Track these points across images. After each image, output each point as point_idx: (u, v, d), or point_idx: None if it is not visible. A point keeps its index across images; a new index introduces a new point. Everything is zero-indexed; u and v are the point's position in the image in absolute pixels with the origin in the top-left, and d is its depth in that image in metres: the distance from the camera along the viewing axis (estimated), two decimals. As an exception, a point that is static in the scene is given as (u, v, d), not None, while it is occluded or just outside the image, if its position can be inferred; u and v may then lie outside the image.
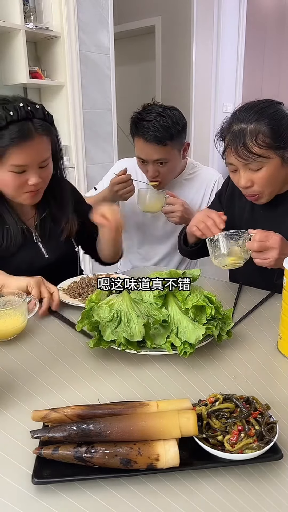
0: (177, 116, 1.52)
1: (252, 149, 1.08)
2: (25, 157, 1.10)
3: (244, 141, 1.09)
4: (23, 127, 1.08)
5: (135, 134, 1.54)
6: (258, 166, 1.11)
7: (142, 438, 0.58)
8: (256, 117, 1.09)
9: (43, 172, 1.17)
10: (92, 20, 2.92)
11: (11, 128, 1.06)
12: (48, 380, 0.79)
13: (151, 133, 1.47)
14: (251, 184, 1.15)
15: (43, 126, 1.12)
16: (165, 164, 1.56)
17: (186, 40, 4.35)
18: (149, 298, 0.90)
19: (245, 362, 0.86)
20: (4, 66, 2.65)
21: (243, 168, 1.14)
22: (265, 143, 1.08)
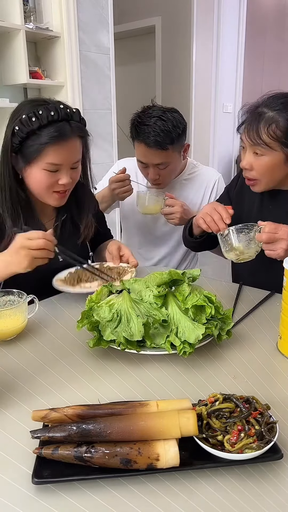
0: (177, 119, 1.51)
1: (261, 135, 1.11)
2: (61, 156, 1.13)
3: (257, 124, 1.11)
4: (62, 127, 1.12)
5: (135, 138, 1.54)
6: (261, 152, 1.13)
7: (142, 438, 0.58)
8: (280, 107, 1.11)
9: (73, 173, 1.20)
10: (92, 20, 2.92)
11: (50, 128, 1.11)
12: (48, 380, 0.79)
13: (152, 138, 1.47)
14: (250, 168, 1.17)
15: (79, 128, 1.17)
16: (166, 167, 1.56)
17: (186, 40, 4.35)
18: (149, 298, 0.90)
19: (245, 362, 0.86)
20: (4, 66, 2.66)
21: (249, 149, 1.17)
22: (275, 135, 1.10)
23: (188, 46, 4.36)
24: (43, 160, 1.12)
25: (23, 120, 1.10)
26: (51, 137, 1.10)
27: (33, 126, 1.10)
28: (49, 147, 1.11)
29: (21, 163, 1.16)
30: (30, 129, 1.10)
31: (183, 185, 1.73)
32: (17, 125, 1.12)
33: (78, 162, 1.21)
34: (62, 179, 1.16)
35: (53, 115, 1.10)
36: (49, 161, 1.12)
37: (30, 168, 1.15)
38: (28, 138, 1.11)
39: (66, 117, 1.13)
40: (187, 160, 1.75)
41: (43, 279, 1.21)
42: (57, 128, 1.11)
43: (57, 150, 1.12)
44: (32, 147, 1.12)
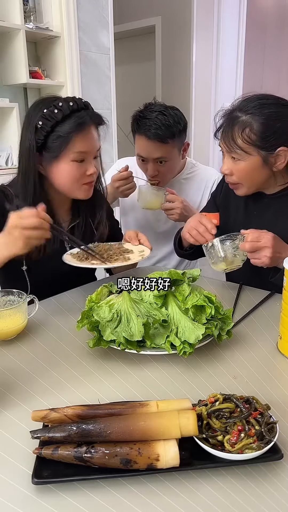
0: (178, 116, 1.53)
1: (236, 139, 1.10)
2: (86, 143, 1.16)
3: (232, 129, 1.11)
4: (84, 115, 1.16)
5: (136, 131, 1.55)
6: (238, 157, 1.13)
7: (142, 438, 0.58)
8: (253, 110, 1.10)
9: (96, 163, 1.23)
10: (92, 20, 2.92)
11: (74, 117, 1.14)
12: (48, 380, 0.79)
13: (153, 131, 1.48)
14: (229, 173, 1.17)
15: (97, 116, 1.21)
16: (165, 163, 1.56)
17: (186, 40, 4.35)
18: (149, 298, 0.90)
19: (245, 362, 0.86)
20: (4, 66, 2.65)
21: (227, 154, 1.16)
22: (250, 139, 1.09)
23: (188, 46, 4.35)
24: (71, 150, 1.14)
25: (45, 114, 1.12)
26: (76, 125, 1.13)
27: (57, 118, 1.12)
28: (75, 135, 1.14)
29: (47, 160, 1.17)
30: (54, 122, 1.12)
31: (182, 184, 1.73)
32: (40, 120, 1.13)
33: (99, 151, 1.23)
34: (89, 169, 1.19)
35: (73, 105, 1.14)
36: (77, 149, 1.14)
37: (58, 163, 1.16)
38: (53, 132, 1.13)
39: (84, 107, 1.17)
40: (186, 160, 1.75)
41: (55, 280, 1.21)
42: (79, 116, 1.15)
43: (82, 138, 1.15)
44: (59, 140, 1.14)
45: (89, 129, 1.17)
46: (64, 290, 1.22)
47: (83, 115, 1.16)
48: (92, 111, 1.20)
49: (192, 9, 4.20)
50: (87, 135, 1.16)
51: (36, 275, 1.23)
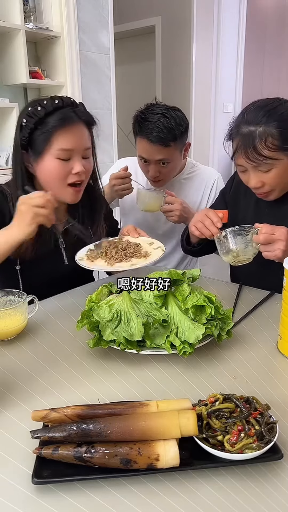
0: (180, 117, 1.52)
1: (262, 152, 1.09)
2: (70, 140, 1.14)
3: (253, 144, 1.09)
4: (68, 112, 1.15)
5: (138, 133, 1.55)
6: (268, 167, 1.12)
7: (142, 438, 0.58)
8: (265, 119, 1.09)
9: (86, 163, 1.20)
10: (92, 20, 2.92)
11: (57, 113, 1.13)
12: (48, 380, 0.79)
13: (155, 134, 1.47)
14: (261, 185, 1.16)
15: (85, 114, 1.19)
16: (167, 164, 1.56)
17: (186, 40, 4.35)
18: (149, 298, 0.90)
19: (245, 362, 0.86)
20: (4, 66, 2.66)
21: (252, 170, 1.15)
22: (275, 146, 1.08)
23: (188, 46, 4.35)
24: (53, 147, 1.13)
25: (29, 112, 1.13)
26: (58, 120, 1.12)
27: (39, 115, 1.12)
28: (57, 132, 1.12)
29: (32, 157, 1.16)
30: (37, 119, 1.12)
31: (183, 184, 1.73)
32: (24, 118, 1.14)
33: (89, 151, 1.21)
34: (75, 167, 1.15)
35: (57, 103, 1.13)
36: (59, 147, 1.13)
37: (42, 160, 1.15)
38: (36, 129, 1.13)
39: (70, 104, 1.16)
40: (186, 160, 1.75)
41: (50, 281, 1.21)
42: (62, 113, 1.14)
43: (65, 134, 1.13)
44: (41, 136, 1.13)
45: (74, 126, 1.14)
46: (58, 292, 1.22)
47: (67, 112, 1.14)
48: (80, 109, 1.18)
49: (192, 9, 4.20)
50: (71, 131, 1.14)
51: (29, 276, 1.23)
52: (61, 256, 1.28)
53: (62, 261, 1.28)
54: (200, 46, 4.35)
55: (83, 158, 1.18)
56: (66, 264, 1.28)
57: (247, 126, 1.11)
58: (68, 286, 1.25)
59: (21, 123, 1.15)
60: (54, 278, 1.23)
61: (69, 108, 1.15)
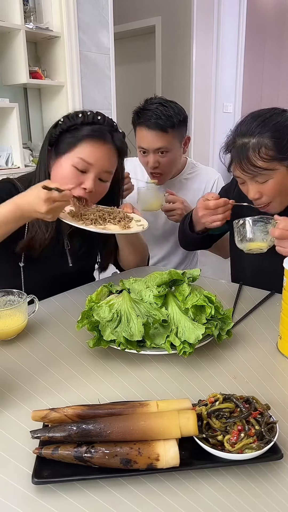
0: (178, 108, 1.54)
1: (256, 163, 1.09)
2: (94, 155, 1.12)
3: (247, 156, 1.09)
4: (104, 130, 1.14)
5: (137, 123, 1.55)
6: (264, 178, 1.12)
7: (142, 438, 0.58)
8: (259, 130, 1.09)
9: (100, 185, 1.17)
10: (92, 20, 2.92)
11: (93, 126, 1.13)
12: (48, 380, 0.79)
13: (153, 121, 1.49)
14: (259, 196, 1.16)
15: (121, 141, 1.18)
16: (166, 154, 1.56)
17: (186, 40, 4.35)
18: (149, 298, 0.90)
19: (245, 362, 0.86)
20: (4, 66, 2.66)
21: (250, 181, 1.15)
22: (269, 156, 1.08)
23: (188, 46, 4.35)
24: (75, 153, 1.12)
25: (69, 115, 1.14)
26: (90, 131, 1.12)
27: (76, 121, 1.13)
28: (85, 141, 1.12)
29: (53, 156, 1.16)
30: (73, 123, 1.13)
31: (183, 184, 1.73)
32: (62, 118, 1.15)
33: (109, 175, 1.17)
34: (86, 183, 1.12)
35: (99, 119, 1.14)
36: (80, 155, 1.11)
37: (60, 161, 1.14)
38: (68, 131, 1.13)
39: (111, 126, 1.16)
40: (186, 160, 1.75)
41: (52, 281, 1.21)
42: (98, 127, 1.13)
43: (92, 147, 1.12)
44: (69, 139, 1.13)
45: (103, 143, 1.13)
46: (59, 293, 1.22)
47: (103, 129, 1.14)
48: (116, 134, 1.16)
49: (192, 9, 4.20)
50: (98, 147, 1.12)
51: (32, 275, 1.23)
52: (65, 258, 1.27)
53: (66, 262, 1.27)
54: (200, 46, 4.35)
55: (100, 180, 1.15)
56: (70, 266, 1.28)
57: (241, 138, 1.12)
58: (69, 287, 1.25)
59: (58, 121, 1.15)
60: (56, 279, 1.23)
61: (107, 127, 1.15)
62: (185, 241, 1.49)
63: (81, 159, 1.11)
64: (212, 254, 1.77)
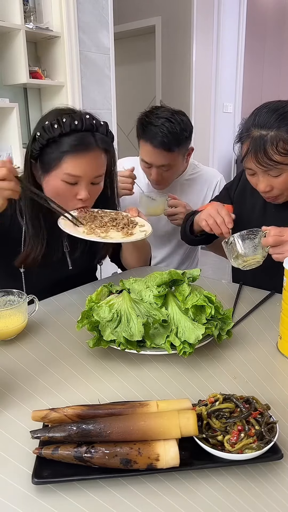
0: (185, 123, 1.51)
1: (273, 157, 1.08)
2: (80, 168, 1.09)
3: (265, 149, 1.08)
4: (85, 137, 1.08)
5: (141, 137, 1.53)
6: (278, 172, 1.11)
7: (142, 438, 0.58)
8: (278, 123, 1.07)
9: (93, 189, 1.15)
10: (92, 20, 2.92)
11: (72, 137, 1.07)
12: (48, 380, 0.79)
13: (159, 139, 1.46)
14: (270, 189, 1.16)
15: (104, 141, 1.12)
16: (169, 169, 1.56)
17: (186, 40, 4.35)
18: (149, 298, 0.90)
19: (245, 362, 0.86)
20: (4, 66, 2.66)
21: (262, 174, 1.14)
22: (286, 151, 1.07)
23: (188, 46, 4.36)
24: (61, 170, 1.09)
25: (45, 126, 1.08)
26: (71, 146, 1.07)
27: (54, 133, 1.07)
28: (68, 156, 1.07)
29: (40, 171, 1.13)
30: (51, 136, 1.07)
31: (185, 186, 1.73)
32: (39, 131, 1.09)
33: (100, 178, 1.15)
34: (80, 193, 1.11)
35: (77, 124, 1.07)
36: (67, 171, 1.08)
37: (48, 177, 1.11)
38: (48, 146, 1.09)
39: (90, 128, 1.09)
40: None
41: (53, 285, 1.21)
42: (78, 137, 1.08)
43: (76, 161, 1.08)
44: (52, 155, 1.09)
45: (88, 152, 1.09)
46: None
47: (84, 137, 1.08)
48: (99, 135, 1.11)
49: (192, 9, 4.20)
50: (83, 158, 1.08)
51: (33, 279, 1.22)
52: (65, 260, 1.27)
53: (66, 265, 1.27)
54: (200, 46, 4.35)
55: (92, 184, 1.14)
56: (70, 268, 1.28)
57: (258, 130, 1.10)
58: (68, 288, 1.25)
59: (35, 134, 1.10)
60: (57, 282, 1.23)
61: (87, 133, 1.09)
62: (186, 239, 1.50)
63: (68, 174, 1.09)
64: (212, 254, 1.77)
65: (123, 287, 0.97)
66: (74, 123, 1.07)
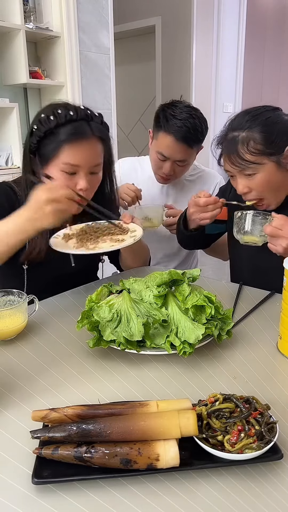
0: (205, 120, 1.54)
1: (244, 156, 1.11)
2: (78, 156, 1.10)
3: (236, 149, 1.11)
4: (80, 125, 1.10)
5: (163, 128, 1.51)
6: (252, 172, 1.13)
7: (142, 438, 0.58)
8: (249, 124, 1.11)
9: (93, 179, 1.16)
10: (92, 20, 2.92)
11: (68, 126, 1.09)
12: (48, 380, 0.79)
13: (183, 134, 1.47)
14: (248, 190, 1.17)
15: (99, 129, 1.14)
16: (183, 165, 1.56)
17: (186, 40, 4.35)
18: (149, 298, 0.90)
19: (245, 362, 0.86)
20: (4, 66, 2.66)
21: (238, 175, 1.16)
22: (257, 150, 1.10)
23: (188, 46, 4.35)
24: (59, 160, 1.10)
25: (41, 119, 1.10)
26: (68, 135, 1.09)
27: (50, 125, 1.09)
28: (65, 145, 1.09)
29: (39, 165, 1.14)
30: (47, 128, 1.09)
31: (185, 186, 1.73)
32: (36, 125, 1.11)
33: (98, 167, 1.16)
34: (80, 184, 1.12)
35: (72, 115, 1.09)
36: (65, 160, 1.10)
37: (48, 169, 1.13)
38: (46, 138, 1.11)
39: (85, 117, 1.12)
40: None
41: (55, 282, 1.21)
42: (74, 126, 1.10)
43: (74, 150, 1.09)
44: (49, 146, 1.11)
45: (84, 141, 1.10)
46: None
47: (80, 126, 1.10)
48: (94, 124, 1.13)
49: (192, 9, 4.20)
50: (80, 147, 1.10)
51: (35, 276, 1.23)
52: (68, 258, 1.27)
53: (69, 262, 1.27)
54: (200, 46, 4.35)
55: (91, 173, 1.15)
56: (72, 266, 1.27)
57: (231, 132, 1.14)
58: (71, 287, 1.25)
59: (32, 128, 1.12)
60: (59, 279, 1.22)
61: (83, 122, 1.11)
62: (182, 239, 1.49)
63: (67, 164, 1.10)
64: (212, 255, 1.77)
65: (123, 287, 0.97)
66: (69, 113, 1.09)
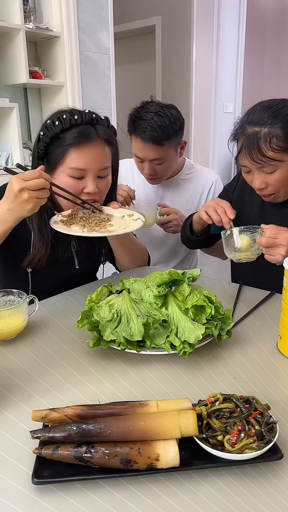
0: (174, 115, 1.51)
1: (266, 153, 1.09)
2: (84, 160, 1.10)
3: (258, 145, 1.09)
4: (86, 129, 1.10)
5: (132, 132, 1.54)
6: (272, 169, 1.12)
7: (142, 438, 0.58)
8: (271, 120, 1.09)
9: (101, 182, 1.15)
10: (92, 20, 2.92)
11: (73, 130, 1.09)
12: (48, 380, 0.79)
13: (148, 133, 1.47)
14: (265, 186, 1.16)
15: (105, 132, 1.13)
16: (162, 163, 1.56)
17: (186, 40, 4.35)
18: (149, 298, 0.90)
19: (245, 362, 0.86)
20: (4, 66, 2.66)
21: (257, 171, 1.15)
22: (279, 147, 1.08)
23: (188, 46, 4.36)
24: (66, 165, 1.10)
25: (47, 125, 1.10)
26: (73, 139, 1.09)
27: (56, 130, 1.09)
28: (72, 150, 1.09)
29: (47, 170, 1.13)
30: (53, 133, 1.09)
31: (180, 185, 1.73)
32: (42, 131, 1.11)
33: (106, 170, 1.15)
34: (88, 187, 1.12)
35: (77, 119, 1.09)
36: (72, 165, 1.09)
37: (55, 174, 1.12)
38: (52, 143, 1.10)
39: (90, 121, 1.11)
40: (184, 160, 1.75)
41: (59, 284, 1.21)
42: (80, 130, 1.09)
43: (80, 153, 1.09)
44: (56, 151, 1.10)
45: (90, 145, 1.10)
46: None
47: (85, 129, 1.10)
48: (100, 127, 1.12)
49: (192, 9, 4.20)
50: (86, 151, 1.09)
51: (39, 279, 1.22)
52: (72, 260, 1.27)
53: (73, 264, 1.27)
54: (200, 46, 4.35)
55: (99, 177, 1.14)
56: (77, 268, 1.27)
57: (252, 127, 1.11)
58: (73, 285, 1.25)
59: (39, 134, 1.12)
60: (63, 281, 1.23)
61: (88, 125, 1.10)
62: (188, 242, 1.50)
63: (74, 168, 1.10)
64: (212, 255, 1.76)
65: (123, 287, 0.97)
66: (74, 117, 1.09)
